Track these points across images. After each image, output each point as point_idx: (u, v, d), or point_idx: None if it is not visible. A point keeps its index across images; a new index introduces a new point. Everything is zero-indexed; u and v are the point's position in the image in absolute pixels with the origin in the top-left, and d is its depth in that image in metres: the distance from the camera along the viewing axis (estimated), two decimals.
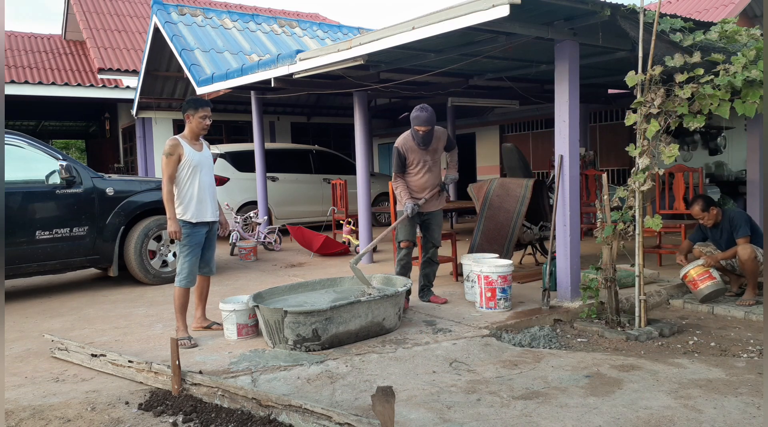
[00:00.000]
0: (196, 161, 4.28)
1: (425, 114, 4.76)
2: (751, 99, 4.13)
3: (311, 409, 2.75)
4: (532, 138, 13.41)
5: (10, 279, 5.97)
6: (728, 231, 5.22)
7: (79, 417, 3.04)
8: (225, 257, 8.33)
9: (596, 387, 3.34)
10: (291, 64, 6.69)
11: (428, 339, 4.19)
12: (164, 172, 4.19)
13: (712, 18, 11.89)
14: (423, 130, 4.82)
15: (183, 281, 4.29)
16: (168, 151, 4.19)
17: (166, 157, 4.18)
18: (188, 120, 4.30)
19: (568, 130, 4.92)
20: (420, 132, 4.83)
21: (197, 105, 4.30)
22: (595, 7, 4.40)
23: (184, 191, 4.26)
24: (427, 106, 4.82)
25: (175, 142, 4.22)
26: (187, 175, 4.25)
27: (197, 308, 4.57)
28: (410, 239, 5.05)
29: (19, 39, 14.91)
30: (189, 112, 4.28)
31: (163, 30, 10.03)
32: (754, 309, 4.91)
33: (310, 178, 10.85)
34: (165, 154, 4.18)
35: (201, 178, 4.30)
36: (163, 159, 4.19)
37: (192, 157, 4.27)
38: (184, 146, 4.25)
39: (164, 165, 4.19)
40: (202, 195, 4.30)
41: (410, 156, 4.97)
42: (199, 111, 4.27)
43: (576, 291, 5.05)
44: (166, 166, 4.18)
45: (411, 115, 4.84)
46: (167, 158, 4.18)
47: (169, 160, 4.17)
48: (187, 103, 4.34)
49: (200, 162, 4.31)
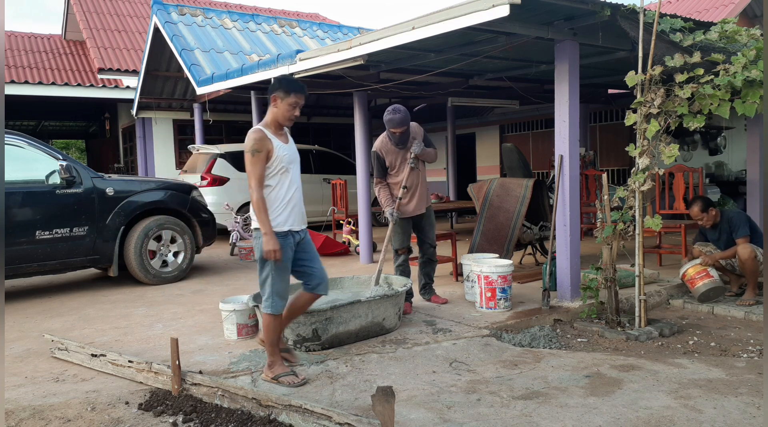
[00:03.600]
0: (287, 157, 3.44)
1: (399, 115, 4.68)
2: (751, 99, 4.13)
3: (311, 409, 2.75)
4: (532, 138, 13.41)
5: (10, 279, 5.97)
6: (727, 232, 5.22)
7: (79, 417, 3.04)
8: (225, 257, 8.33)
9: (596, 387, 3.34)
10: (291, 64, 6.69)
11: (428, 339, 4.19)
12: (251, 174, 3.31)
13: (712, 18, 11.88)
14: (399, 132, 4.75)
15: (272, 307, 3.42)
16: (254, 147, 3.31)
17: (252, 156, 3.30)
18: (274, 104, 3.44)
19: (568, 130, 4.92)
20: (396, 134, 4.77)
21: (289, 88, 3.42)
22: (595, 7, 4.40)
23: (273, 195, 3.41)
24: (399, 106, 4.73)
25: (261, 134, 3.35)
26: (278, 175, 3.41)
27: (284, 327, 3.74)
28: (405, 245, 5.04)
29: (19, 39, 14.91)
30: (278, 95, 3.42)
31: (163, 30, 10.04)
32: (754, 309, 4.91)
33: (310, 178, 10.85)
34: (250, 152, 3.31)
35: (293, 177, 3.50)
36: (248, 158, 3.31)
37: (282, 151, 3.41)
38: (272, 139, 3.38)
39: (250, 165, 3.31)
40: (294, 198, 3.49)
41: (389, 158, 4.89)
42: (290, 96, 3.41)
43: (576, 291, 5.05)
44: (254, 166, 3.31)
45: (384, 118, 4.74)
46: (254, 156, 3.30)
47: (256, 159, 3.30)
48: (277, 83, 3.45)
49: (291, 158, 3.49)
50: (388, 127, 4.77)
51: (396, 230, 4.95)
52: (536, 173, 12.37)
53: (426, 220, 5.06)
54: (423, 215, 5.02)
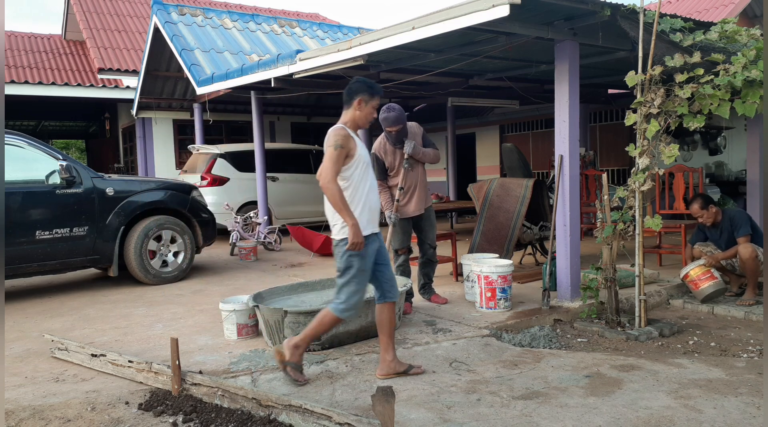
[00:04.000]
0: (366, 158, 3.42)
1: (393, 114, 4.66)
2: (751, 99, 4.13)
3: (311, 409, 2.75)
4: (532, 138, 13.42)
5: (10, 279, 5.97)
6: (728, 231, 5.22)
7: (79, 417, 3.04)
8: (225, 257, 8.33)
9: (596, 387, 3.34)
10: (291, 64, 6.69)
11: (428, 339, 4.19)
12: (329, 168, 3.24)
13: (712, 18, 11.88)
14: (395, 130, 4.73)
15: (346, 311, 3.37)
16: (339, 142, 3.27)
17: (334, 150, 3.25)
18: (358, 107, 3.42)
19: (568, 130, 4.92)
20: (392, 133, 4.75)
21: (374, 91, 3.44)
22: (595, 7, 4.40)
23: (357, 196, 3.36)
24: (393, 105, 4.72)
25: (346, 132, 3.33)
26: (360, 176, 3.37)
27: (387, 349, 3.52)
28: (405, 245, 5.02)
29: (19, 39, 14.91)
30: (362, 97, 3.41)
31: (163, 30, 10.04)
32: (754, 309, 4.90)
33: (310, 178, 10.84)
34: (334, 147, 3.26)
35: (371, 179, 3.46)
36: (330, 152, 3.25)
37: (363, 153, 3.39)
38: (355, 139, 3.36)
39: (330, 160, 3.25)
40: (374, 200, 3.45)
41: (388, 159, 4.87)
42: (374, 98, 3.44)
43: (576, 291, 5.05)
44: (334, 162, 3.25)
45: (380, 118, 4.68)
46: (336, 151, 3.25)
47: (338, 154, 3.26)
48: (361, 85, 3.44)
49: (368, 160, 3.46)
50: (383, 126, 4.76)
51: (396, 231, 4.94)
52: (536, 173, 12.37)
53: (426, 220, 5.04)
54: (423, 215, 5.00)
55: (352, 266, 3.33)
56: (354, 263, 3.33)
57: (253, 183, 9.59)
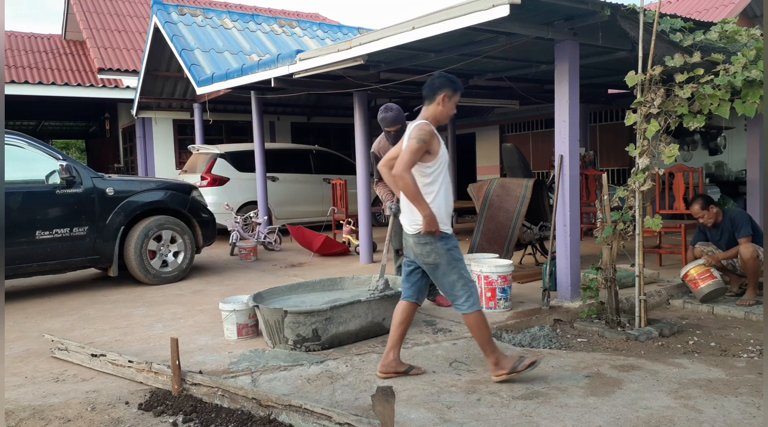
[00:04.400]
0: (446, 157, 3.40)
1: (391, 114, 4.66)
2: (751, 99, 4.13)
3: (311, 409, 2.75)
4: (532, 138, 13.41)
5: (10, 279, 5.96)
6: (729, 231, 5.22)
7: (79, 417, 3.04)
8: (225, 257, 8.33)
9: (596, 387, 3.34)
10: (291, 64, 6.69)
11: (428, 339, 4.19)
12: (407, 159, 3.19)
13: (712, 18, 11.88)
14: (393, 130, 4.73)
15: (474, 305, 3.33)
16: (423, 137, 3.21)
17: (417, 142, 3.20)
18: (441, 102, 3.35)
19: (568, 130, 4.92)
20: (391, 132, 4.75)
21: (456, 87, 3.38)
22: (595, 7, 4.40)
23: (438, 192, 3.33)
24: (391, 105, 4.72)
25: (432, 129, 3.28)
26: (442, 174, 3.35)
27: (395, 347, 3.53)
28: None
29: (19, 39, 14.91)
30: (446, 93, 3.34)
31: (163, 30, 10.04)
32: (754, 309, 4.90)
33: (310, 178, 10.85)
34: (417, 139, 3.21)
35: (448, 178, 3.43)
36: (413, 144, 3.21)
37: (445, 151, 3.37)
38: (438, 137, 3.33)
39: (411, 152, 3.20)
40: (450, 199, 3.43)
41: None
42: (456, 94, 3.38)
43: (576, 291, 5.05)
44: (414, 154, 3.20)
45: (378, 118, 4.72)
46: (419, 144, 3.20)
47: (420, 148, 3.20)
48: (445, 80, 3.37)
49: (447, 158, 3.42)
50: (382, 126, 4.76)
51: (396, 230, 4.92)
52: (536, 173, 12.37)
53: None
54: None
55: (455, 257, 3.31)
56: (456, 255, 3.32)
57: (253, 183, 9.59)
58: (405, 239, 3.48)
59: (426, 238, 3.30)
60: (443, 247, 3.30)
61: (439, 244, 3.30)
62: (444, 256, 3.30)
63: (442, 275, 3.34)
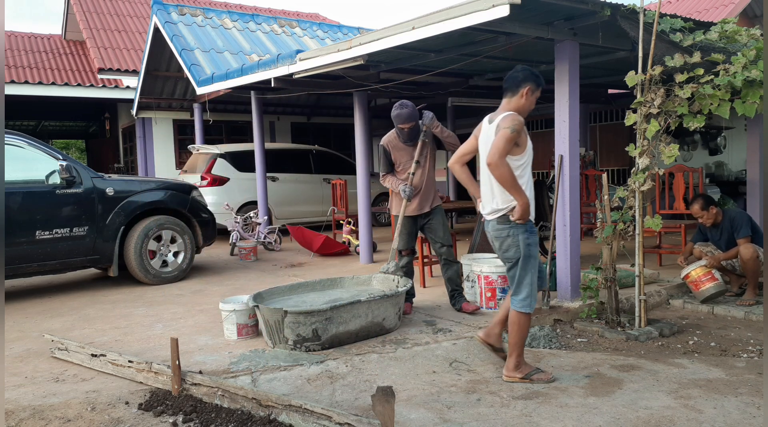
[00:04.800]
0: (532, 151, 3.42)
1: (406, 110, 4.63)
2: (751, 99, 4.13)
3: (311, 409, 2.75)
4: (532, 138, 13.40)
5: (10, 279, 5.97)
6: (729, 231, 5.22)
7: (79, 417, 3.04)
8: (225, 257, 8.33)
9: (596, 387, 3.34)
10: (291, 64, 6.69)
11: (428, 339, 4.19)
12: (502, 148, 3.18)
13: (712, 18, 11.89)
14: (407, 127, 4.69)
15: (530, 305, 3.37)
16: (516, 127, 3.21)
17: (510, 132, 3.19)
18: (524, 96, 3.36)
19: (568, 130, 4.92)
20: (404, 130, 4.71)
21: (539, 81, 3.39)
22: (595, 7, 4.40)
23: (528, 187, 3.35)
24: (406, 102, 4.68)
25: (522, 121, 3.29)
26: (528, 167, 3.38)
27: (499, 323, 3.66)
28: (410, 246, 4.92)
29: (19, 39, 14.91)
30: (529, 87, 3.35)
31: (163, 30, 10.04)
32: (754, 309, 4.90)
33: (310, 178, 10.85)
34: (510, 129, 3.20)
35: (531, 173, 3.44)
36: (506, 133, 3.19)
37: (531, 145, 3.39)
38: (525, 130, 3.33)
39: (504, 141, 3.19)
40: (532, 195, 3.42)
41: (395, 154, 4.83)
42: (539, 89, 3.40)
43: (576, 291, 5.05)
44: (507, 143, 3.19)
45: (392, 114, 4.71)
46: (512, 134, 3.19)
47: (512, 138, 3.20)
48: (529, 74, 3.37)
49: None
50: (395, 123, 4.73)
51: (401, 231, 4.85)
52: (536, 173, 12.36)
53: (434, 219, 4.87)
54: (429, 214, 4.86)
55: (532, 255, 3.34)
56: (534, 252, 3.35)
57: (253, 183, 9.59)
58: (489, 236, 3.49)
59: (508, 230, 3.33)
60: (525, 240, 3.33)
61: (521, 237, 3.32)
62: (523, 249, 3.33)
63: (516, 268, 3.37)
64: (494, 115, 3.45)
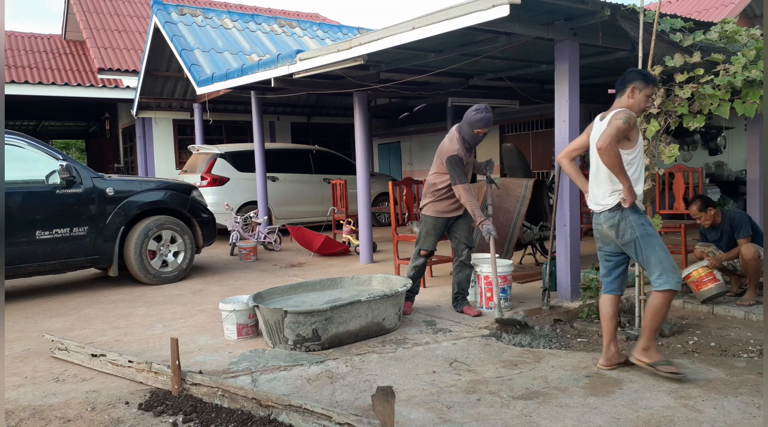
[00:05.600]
0: (642, 148, 3.52)
1: (491, 115, 4.59)
2: (751, 99, 4.13)
3: (311, 409, 2.75)
4: (532, 138, 13.41)
5: (10, 279, 5.97)
6: (729, 232, 5.22)
7: (79, 417, 3.04)
8: (225, 257, 8.33)
9: (596, 387, 3.34)
10: (291, 64, 6.69)
11: (428, 339, 4.19)
12: (614, 135, 3.28)
13: (712, 18, 11.88)
14: (484, 132, 4.64)
15: (674, 282, 3.36)
16: (629, 120, 3.33)
17: (623, 124, 3.30)
18: (631, 94, 3.47)
19: (568, 130, 4.92)
20: (480, 134, 4.63)
21: (648, 79, 3.49)
22: (595, 7, 4.40)
23: (639, 180, 3.48)
24: (485, 106, 4.61)
25: (635, 116, 3.42)
26: (639, 162, 3.48)
27: (613, 340, 3.66)
28: (433, 248, 4.88)
29: (19, 39, 14.92)
30: (636, 85, 3.46)
31: (163, 30, 10.04)
32: (754, 309, 4.90)
33: (310, 178, 10.85)
34: (623, 121, 3.30)
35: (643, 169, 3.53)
36: (619, 124, 3.30)
37: (642, 141, 3.51)
38: (637, 126, 3.46)
39: (617, 129, 3.29)
40: (641, 188, 3.52)
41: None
42: (648, 87, 3.48)
43: (576, 291, 5.04)
44: (619, 131, 3.29)
45: (472, 118, 4.55)
46: (625, 125, 3.31)
47: (624, 129, 3.31)
48: (635, 74, 3.51)
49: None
50: (475, 126, 4.57)
51: (430, 231, 4.80)
52: (536, 173, 12.36)
53: (462, 219, 4.83)
54: (461, 215, 4.82)
55: (649, 233, 3.42)
56: (650, 231, 3.43)
57: (253, 183, 9.60)
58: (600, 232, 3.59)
59: (619, 215, 3.44)
60: (637, 220, 3.42)
61: (632, 217, 3.42)
62: (638, 229, 3.41)
63: (639, 250, 3.43)
64: (606, 112, 3.57)
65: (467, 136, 4.66)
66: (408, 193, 6.59)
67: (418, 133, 15.09)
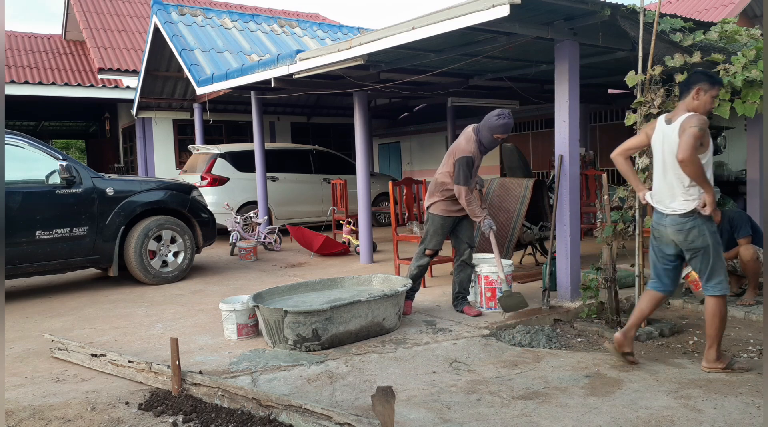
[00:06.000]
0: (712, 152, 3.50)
1: (512, 122, 4.59)
2: (751, 99, 4.13)
3: (311, 409, 2.75)
4: (532, 138, 13.41)
5: (10, 279, 5.97)
6: (728, 232, 5.22)
7: (79, 417, 3.04)
8: (225, 257, 8.33)
9: (596, 387, 3.34)
10: (291, 64, 6.69)
11: (428, 339, 4.19)
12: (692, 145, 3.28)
13: (712, 18, 11.88)
14: (503, 138, 4.64)
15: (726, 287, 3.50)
16: (702, 126, 3.33)
17: (698, 131, 3.30)
18: (695, 96, 3.45)
19: (568, 130, 4.92)
20: (499, 139, 4.63)
21: (713, 81, 3.47)
22: (595, 7, 4.40)
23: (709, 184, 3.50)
24: (508, 112, 4.61)
25: (707, 119, 3.41)
26: (709, 166, 3.46)
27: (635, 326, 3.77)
28: (438, 248, 4.88)
29: (19, 39, 14.91)
30: (701, 86, 3.44)
31: (163, 30, 10.04)
32: (754, 309, 4.90)
33: (310, 178, 10.85)
34: (698, 128, 3.30)
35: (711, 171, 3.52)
36: (695, 131, 3.29)
37: (712, 145, 3.50)
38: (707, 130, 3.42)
39: (694, 137, 3.29)
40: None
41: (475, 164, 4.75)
42: (714, 88, 3.46)
43: (576, 291, 5.04)
44: (696, 138, 3.29)
45: (493, 123, 4.55)
46: (700, 132, 3.32)
47: (699, 136, 3.32)
48: (700, 75, 3.50)
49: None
50: (497, 131, 4.58)
51: (437, 231, 4.81)
52: (536, 173, 12.37)
53: (466, 219, 4.84)
54: (466, 215, 4.83)
55: (718, 241, 3.49)
56: (719, 239, 3.51)
57: (253, 183, 9.59)
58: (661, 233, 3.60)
59: (692, 221, 3.45)
60: (709, 229, 3.47)
61: (705, 226, 3.45)
62: (710, 237, 3.46)
63: (707, 257, 3.49)
64: (671, 115, 3.56)
65: (485, 140, 4.67)
66: (408, 194, 6.59)
67: (418, 133, 15.10)
